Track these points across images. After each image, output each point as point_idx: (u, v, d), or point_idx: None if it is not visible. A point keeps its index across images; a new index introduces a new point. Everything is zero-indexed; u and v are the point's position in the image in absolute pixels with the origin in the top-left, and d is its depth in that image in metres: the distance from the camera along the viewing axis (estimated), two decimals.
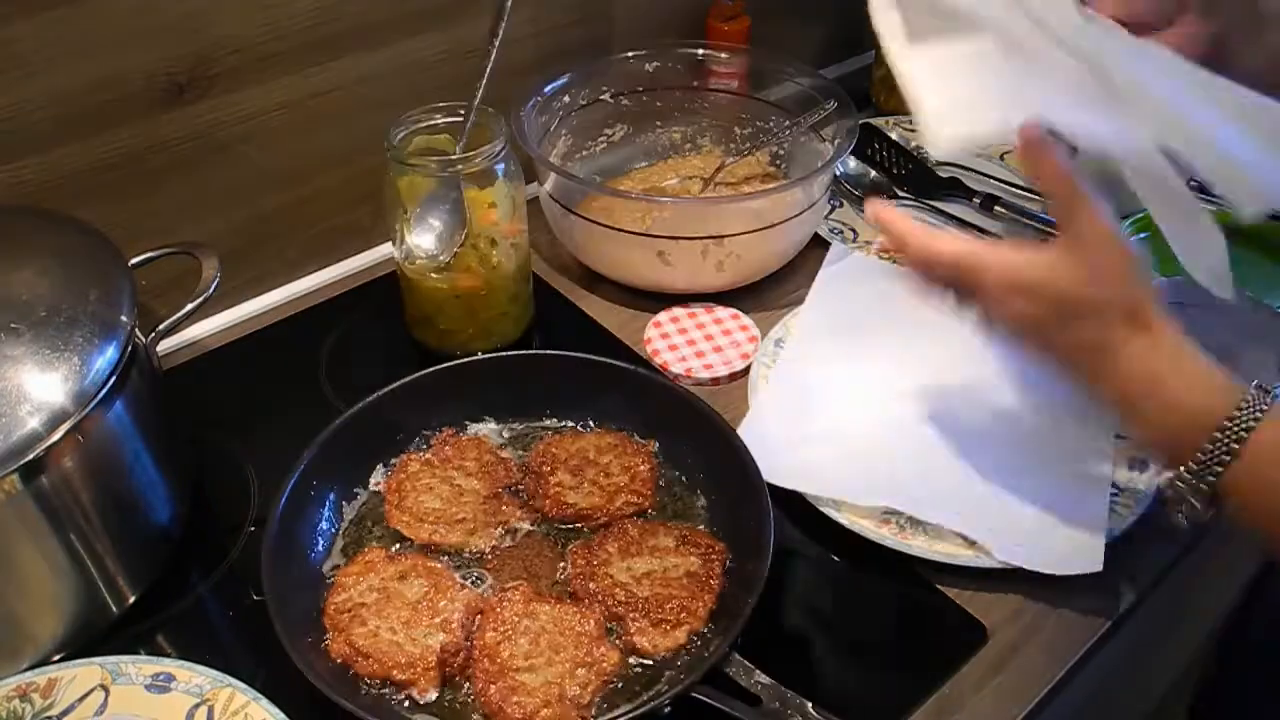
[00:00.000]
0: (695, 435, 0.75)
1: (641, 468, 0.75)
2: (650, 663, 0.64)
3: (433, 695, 0.62)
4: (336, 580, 0.67)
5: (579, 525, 0.73)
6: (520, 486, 0.75)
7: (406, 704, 0.62)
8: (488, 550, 0.71)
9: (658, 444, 0.77)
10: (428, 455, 0.76)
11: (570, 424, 0.80)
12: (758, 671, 0.60)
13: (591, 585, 0.67)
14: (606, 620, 0.65)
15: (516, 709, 0.60)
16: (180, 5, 0.79)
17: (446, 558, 0.70)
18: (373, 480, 0.76)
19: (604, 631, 0.64)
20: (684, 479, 0.76)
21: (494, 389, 0.80)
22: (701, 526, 0.72)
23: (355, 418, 0.74)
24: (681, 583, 0.67)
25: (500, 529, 0.72)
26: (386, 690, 0.62)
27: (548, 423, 0.80)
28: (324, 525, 0.72)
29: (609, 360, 0.79)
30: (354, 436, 0.74)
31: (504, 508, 0.73)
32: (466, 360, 0.80)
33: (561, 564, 0.70)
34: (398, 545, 0.71)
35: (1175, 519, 0.76)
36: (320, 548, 0.71)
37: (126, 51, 0.79)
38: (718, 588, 0.67)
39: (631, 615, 0.65)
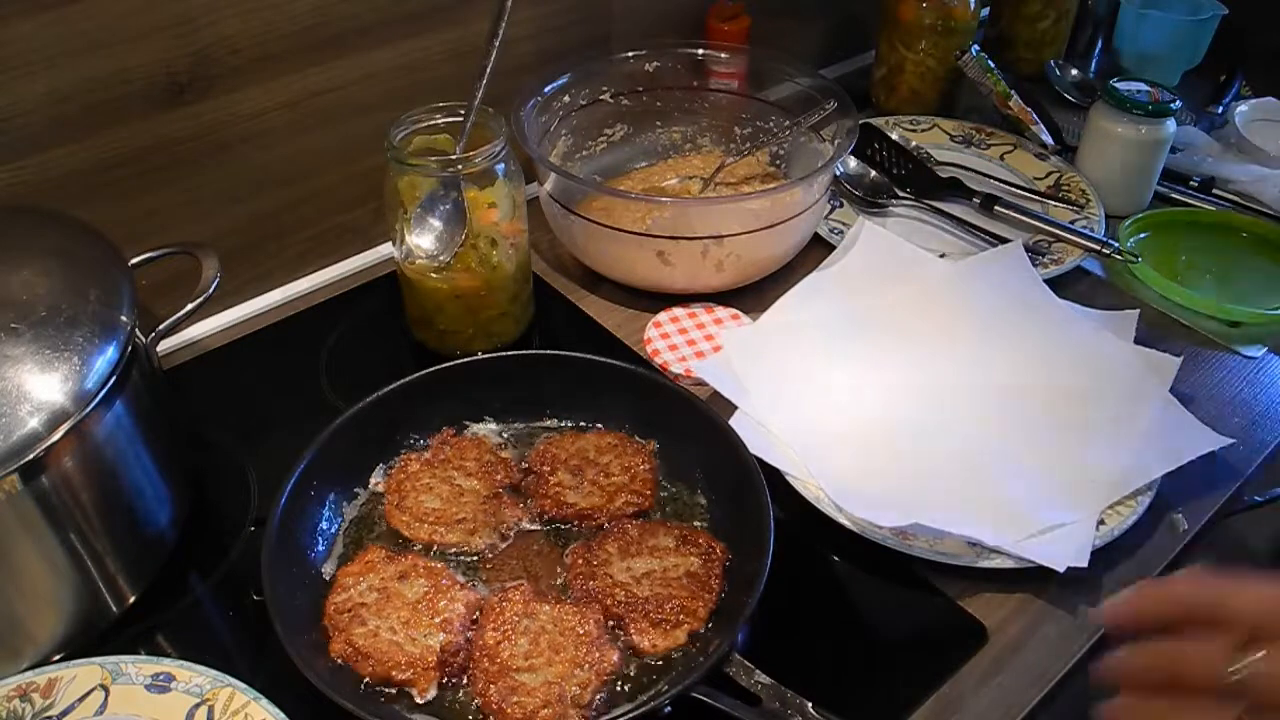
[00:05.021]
0: (695, 435, 0.75)
1: (641, 468, 0.75)
2: (650, 663, 0.64)
3: (432, 695, 0.62)
4: (336, 580, 0.67)
5: (579, 525, 0.73)
6: (520, 486, 0.75)
7: (406, 704, 0.62)
8: (488, 550, 0.71)
9: (658, 444, 0.77)
10: (428, 455, 0.76)
11: (570, 424, 0.80)
12: (758, 671, 0.60)
13: (591, 585, 0.67)
14: (606, 620, 0.65)
15: (516, 709, 0.60)
16: (180, 4, 0.79)
17: (446, 558, 0.70)
18: (373, 480, 0.76)
19: (604, 631, 0.64)
20: (684, 478, 0.76)
21: (494, 389, 0.80)
22: (702, 526, 0.72)
23: (355, 418, 0.74)
24: (681, 583, 0.67)
25: (500, 529, 0.72)
26: (386, 690, 0.62)
27: (548, 423, 0.80)
28: (324, 525, 0.72)
29: (609, 360, 0.79)
30: (354, 436, 0.74)
31: (504, 508, 0.73)
32: (466, 360, 0.80)
33: (561, 564, 0.70)
34: (398, 545, 0.71)
35: (1174, 521, 0.76)
36: (320, 548, 0.71)
37: (126, 51, 0.78)
38: (718, 588, 0.67)
39: (631, 615, 0.65)
